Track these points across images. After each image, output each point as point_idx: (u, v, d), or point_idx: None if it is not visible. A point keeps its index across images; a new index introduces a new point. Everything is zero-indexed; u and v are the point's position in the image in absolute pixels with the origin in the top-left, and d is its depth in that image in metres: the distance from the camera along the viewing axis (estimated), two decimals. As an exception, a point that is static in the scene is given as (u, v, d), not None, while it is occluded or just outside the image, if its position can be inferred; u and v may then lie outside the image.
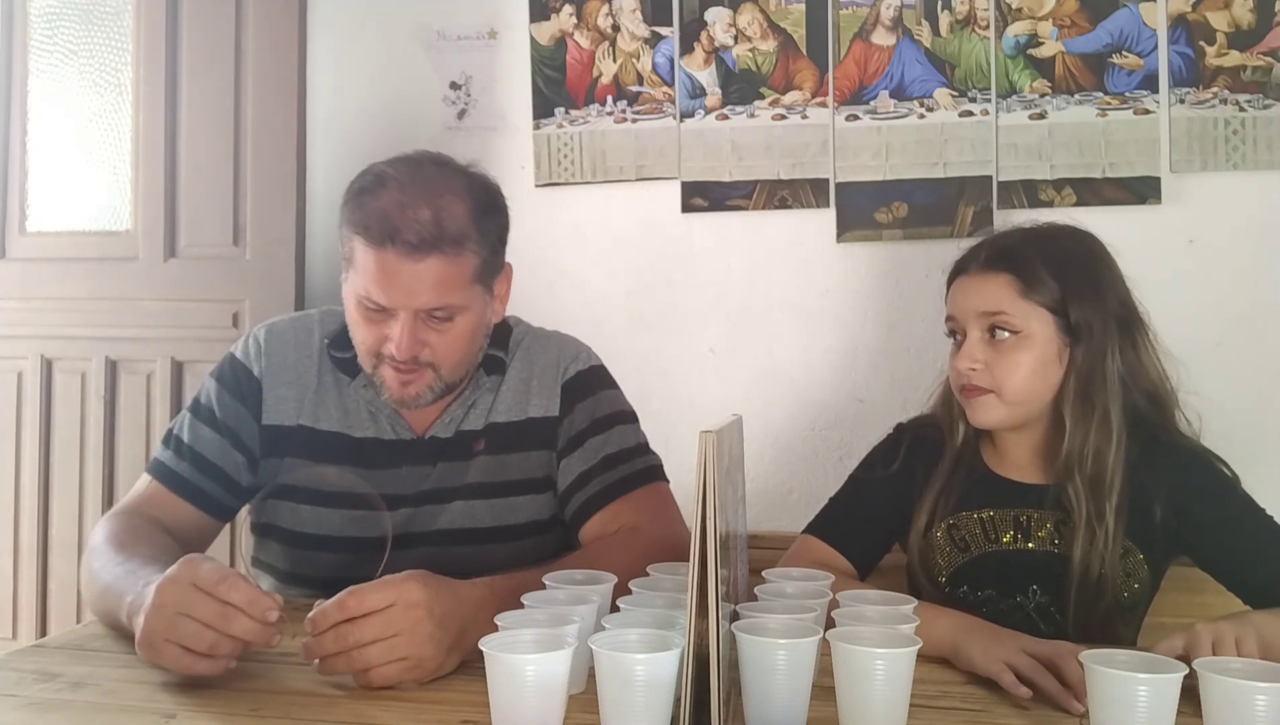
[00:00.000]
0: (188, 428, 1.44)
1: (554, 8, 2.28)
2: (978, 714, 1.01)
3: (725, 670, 0.87)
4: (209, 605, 1.02)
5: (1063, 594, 1.34)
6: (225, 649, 1.03)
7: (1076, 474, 1.34)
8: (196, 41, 2.47)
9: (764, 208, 2.19)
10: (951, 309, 1.43)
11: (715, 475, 0.85)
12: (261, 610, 1.02)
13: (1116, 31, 2.05)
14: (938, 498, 1.41)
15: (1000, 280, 1.37)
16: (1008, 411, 1.37)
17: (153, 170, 2.48)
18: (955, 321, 1.42)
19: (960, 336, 1.41)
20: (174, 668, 1.04)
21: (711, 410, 1.99)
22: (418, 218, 1.27)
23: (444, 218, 1.28)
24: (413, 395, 1.36)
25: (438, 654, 1.05)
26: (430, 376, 1.35)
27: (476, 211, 1.32)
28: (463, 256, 1.30)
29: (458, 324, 1.34)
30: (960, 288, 1.42)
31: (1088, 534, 1.32)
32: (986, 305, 1.37)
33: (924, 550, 1.41)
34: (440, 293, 1.30)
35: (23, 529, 2.53)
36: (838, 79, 2.15)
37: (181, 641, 1.02)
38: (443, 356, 1.34)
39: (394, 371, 1.34)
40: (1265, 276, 2.00)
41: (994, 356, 1.36)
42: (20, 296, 2.57)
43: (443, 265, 1.28)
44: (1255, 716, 0.83)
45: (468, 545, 1.41)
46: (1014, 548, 1.37)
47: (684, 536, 1.34)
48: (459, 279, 1.31)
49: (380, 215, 1.27)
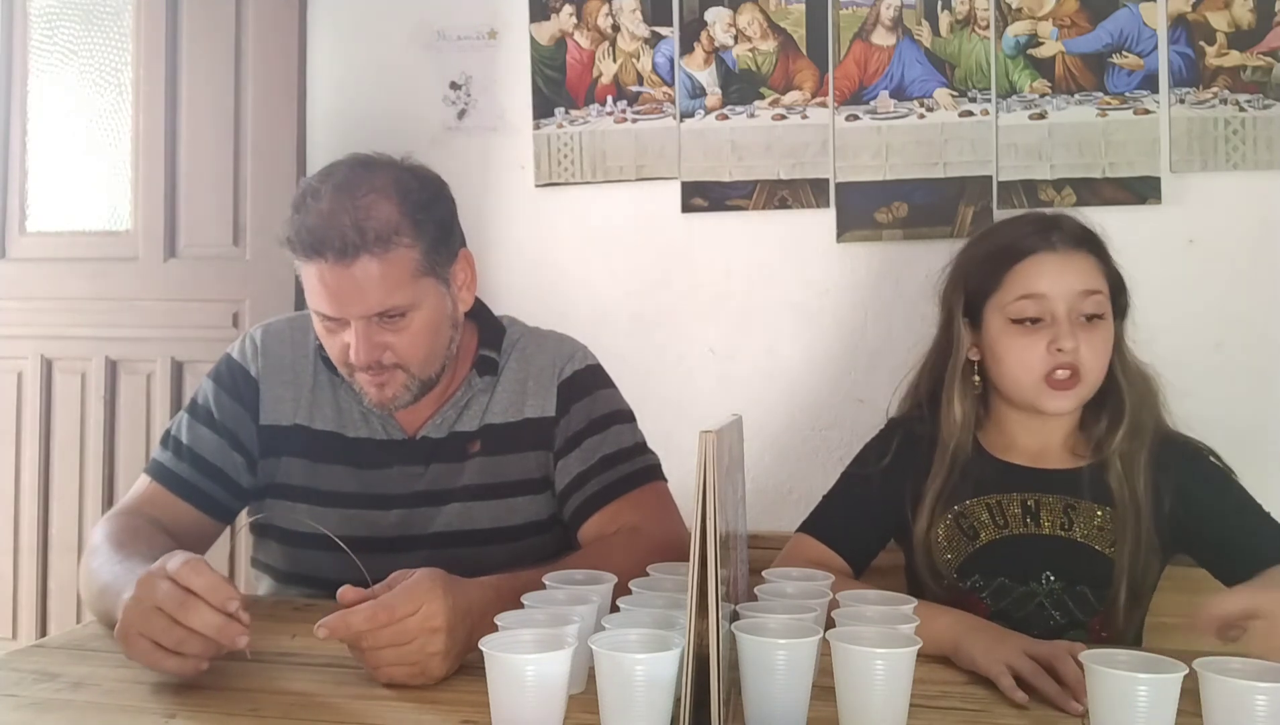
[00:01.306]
0: (186, 428, 1.44)
1: (554, 8, 2.28)
2: (978, 714, 1.01)
3: (725, 670, 0.87)
4: (174, 595, 1.01)
5: (1077, 580, 1.34)
6: (194, 647, 1.02)
7: (1118, 460, 1.34)
8: (196, 41, 2.47)
9: (764, 208, 2.19)
10: (1040, 286, 1.34)
11: (715, 475, 0.85)
12: (222, 599, 1.01)
13: (1116, 31, 2.05)
14: (940, 489, 1.39)
15: (1090, 260, 1.36)
16: (1088, 393, 1.35)
17: (153, 170, 2.48)
18: (1042, 301, 1.33)
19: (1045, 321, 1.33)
20: (144, 663, 1.04)
21: (711, 410, 2.00)
22: (339, 224, 1.26)
23: (366, 218, 1.26)
24: (389, 397, 1.35)
25: (445, 663, 1.05)
26: (403, 377, 1.35)
27: (407, 205, 1.30)
28: (395, 253, 1.28)
29: (414, 321, 1.32)
30: (1047, 264, 1.34)
31: (1134, 521, 1.32)
32: (1086, 284, 1.33)
33: (929, 544, 1.39)
34: (383, 295, 1.28)
35: (23, 529, 2.53)
36: (838, 79, 2.15)
37: (151, 635, 1.02)
38: (407, 355, 1.33)
39: (367, 377, 1.34)
40: (1265, 276, 2.00)
41: (1086, 339, 1.32)
42: (20, 296, 2.57)
43: (376, 266, 1.27)
44: (1255, 716, 0.83)
45: (466, 547, 1.41)
46: (1023, 533, 1.36)
47: (683, 536, 1.34)
48: (398, 277, 1.29)
49: (306, 229, 1.27)
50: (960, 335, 1.41)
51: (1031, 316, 1.34)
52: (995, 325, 1.38)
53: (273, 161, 2.41)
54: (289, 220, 1.30)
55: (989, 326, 1.39)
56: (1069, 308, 1.33)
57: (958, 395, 1.41)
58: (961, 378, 1.41)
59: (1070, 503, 1.36)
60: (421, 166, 1.38)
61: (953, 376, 1.42)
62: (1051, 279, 1.34)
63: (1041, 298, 1.34)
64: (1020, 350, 1.35)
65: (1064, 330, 1.32)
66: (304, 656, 1.15)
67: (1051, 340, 1.32)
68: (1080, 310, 1.33)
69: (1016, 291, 1.35)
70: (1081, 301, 1.33)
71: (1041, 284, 1.34)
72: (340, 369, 1.38)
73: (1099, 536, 1.35)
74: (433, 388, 1.40)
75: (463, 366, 1.46)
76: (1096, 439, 1.38)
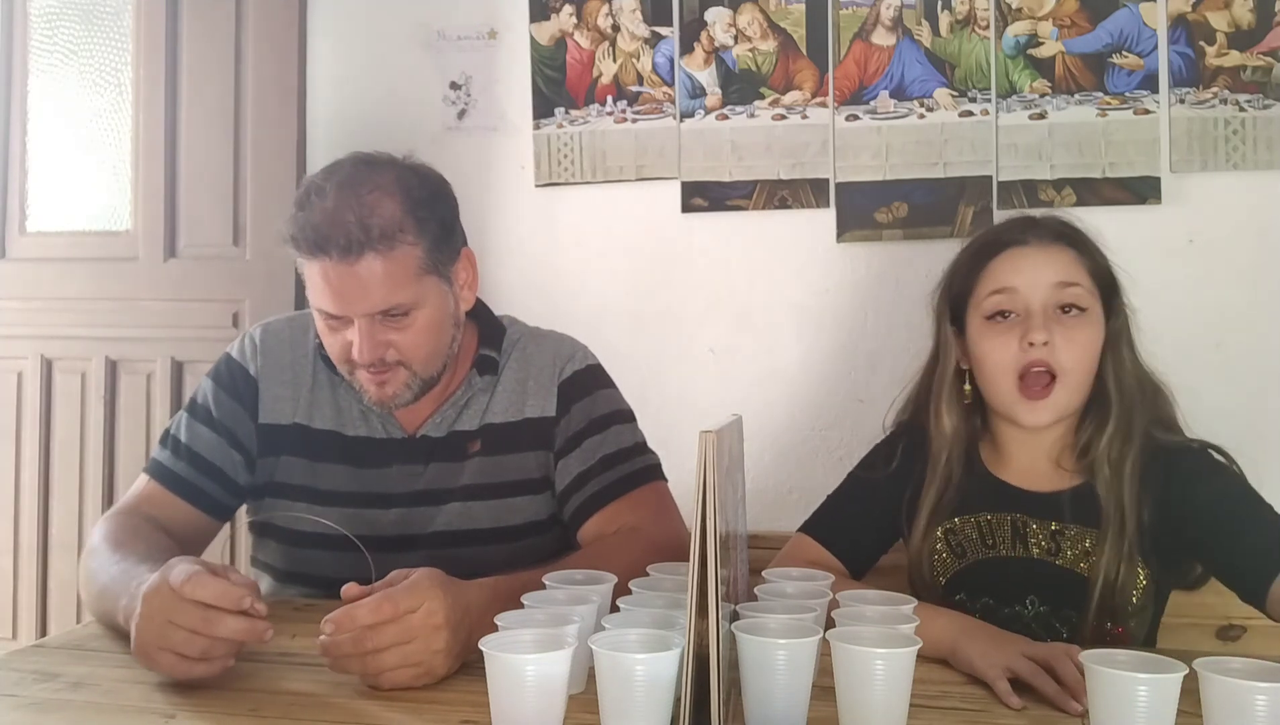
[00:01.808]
0: (185, 428, 1.44)
1: (554, 8, 2.28)
2: (977, 714, 1.01)
3: (725, 670, 0.87)
4: (192, 611, 1.02)
5: (1061, 605, 1.31)
6: (219, 651, 1.03)
7: (1106, 467, 1.28)
8: (196, 41, 2.47)
9: (764, 208, 2.18)
10: (1010, 280, 1.29)
11: (715, 475, 0.85)
12: (235, 602, 1.02)
13: (1116, 31, 2.05)
14: (934, 504, 1.37)
15: (1067, 253, 1.30)
16: (1068, 400, 1.28)
17: (153, 170, 2.48)
18: (1014, 294, 1.29)
19: (1016, 314, 1.29)
20: (172, 674, 1.04)
21: (711, 410, 1.99)
22: (343, 221, 1.26)
23: (370, 216, 1.26)
24: (390, 395, 1.35)
25: (448, 661, 1.05)
26: (404, 374, 1.35)
27: (410, 203, 1.31)
28: (399, 251, 1.28)
29: (417, 319, 1.32)
30: (1021, 258, 1.30)
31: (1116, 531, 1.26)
32: (1061, 275, 1.28)
33: (922, 554, 1.38)
34: (386, 292, 1.28)
35: (23, 529, 2.53)
36: (838, 79, 2.15)
37: (175, 649, 1.02)
38: (410, 353, 1.34)
39: (367, 374, 1.34)
40: (1265, 276, 1.99)
41: (1064, 336, 1.26)
42: (20, 296, 2.57)
43: (380, 264, 1.27)
44: (1255, 716, 0.83)
45: (466, 547, 1.41)
46: (1011, 555, 1.33)
47: (683, 536, 1.34)
48: (402, 275, 1.29)
49: (310, 227, 1.27)
50: (947, 343, 1.38)
51: (1004, 310, 1.30)
52: (974, 326, 1.34)
53: (273, 161, 2.41)
54: (292, 218, 1.30)
55: (970, 329, 1.35)
56: (1044, 301, 1.28)
57: (945, 406, 1.37)
58: (950, 388, 1.37)
59: (1059, 528, 1.31)
60: (424, 165, 1.39)
61: (940, 386, 1.37)
62: (1023, 272, 1.30)
63: (1013, 291, 1.30)
64: (994, 349, 1.30)
65: (1036, 322, 1.27)
66: (304, 656, 1.15)
67: (1023, 334, 1.28)
68: (1055, 302, 1.28)
69: (989, 287, 1.32)
70: (1057, 293, 1.28)
71: (1013, 277, 1.30)
72: (340, 367, 1.38)
73: (1086, 561, 1.30)
74: (433, 386, 1.40)
75: (463, 366, 1.46)
76: (1083, 444, 1.33)
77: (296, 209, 1.30)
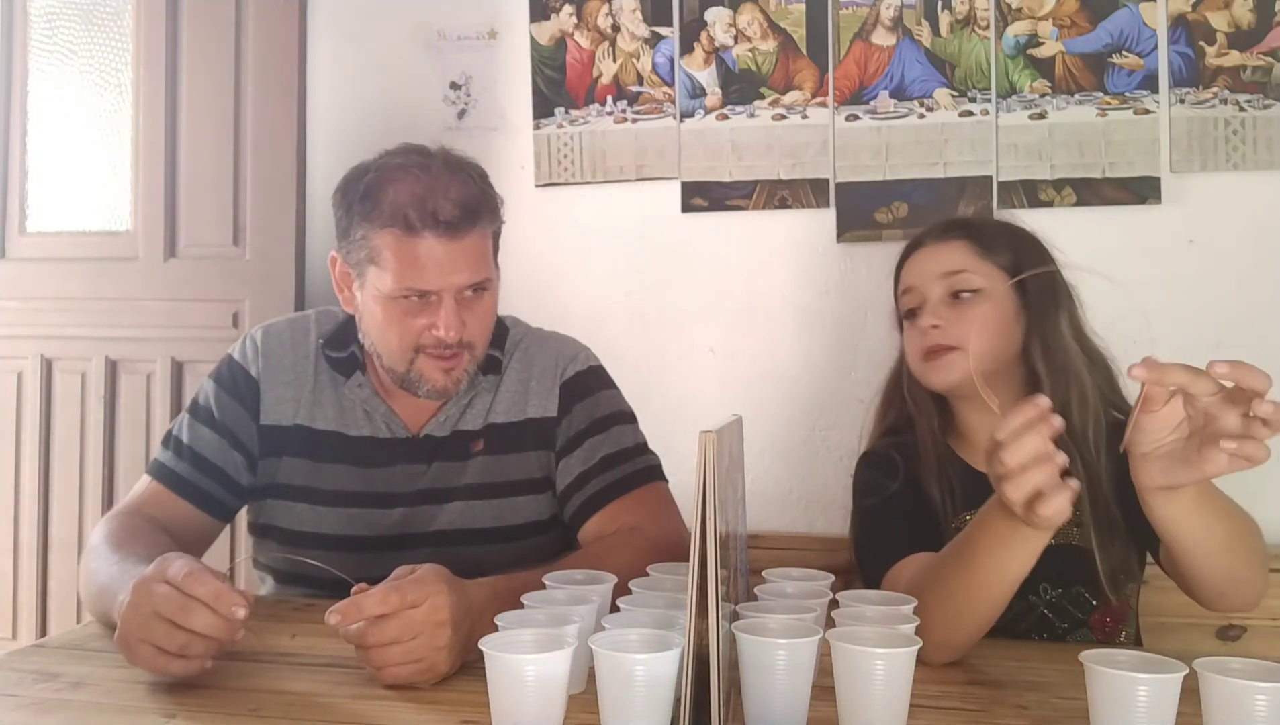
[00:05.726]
0: (187, 428, 1.44)
1: (554, 8, 2.28)
2: (977, 714, 1.01)
3: (725, 670, 0.87)
4: (174, 600, 1.01)
5: (1072, 584, 1.32)
6: (197, 649, 1.03)
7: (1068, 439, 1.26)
8: (196, 41, 2.47)
9: (764, 208, 2.19)
10: (910, 280, 1.43)
11: (715, 475, 0.85)
12: (227, 606, 1.01)
13: (1116, 31, 2.05)
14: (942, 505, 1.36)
15: (959, 245, 1.41)
16: (965, 362, 1.34)
17: (153, 170, 2.48)
18: (914, 291, 1.42)
19: (919, 309, 1.41)
20: (149, 668, 1.04)
21: (711, 410, 2.00)
22: (449, 197, 1.30)
23: (467, 195, 1.32)
24: (455, 381, 1.38)
25: (450, 659, 1.05)
26: (467, 358, 1.38)
27: (486, 186, 1.37)
28: (487, 230, 1.36)
29: (486, 300, 1.38)
30: (917, 259, 1.44)
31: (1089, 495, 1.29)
32: (948, 266, 1.39)
33: None
34: (478, 267, 1.34)
35: (23, 529, 2.53)
36: (838, 79, 2.15)
37: (154, 641, 1.02)
38: (478, 334, 1.38)
39: (435, 360, 1.35)
40: (1265, 276, 1.99)
41: (956, 316, 1.37)
42: (20, 296, 2.57)
43: (477, 240, 1.34)
44: (1255, 716, 0.83)
45: (467, 546, 1.41)
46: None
47: (684, 536, 1.34)
48: (488, 253, 1.37)
49: (414, 202, 1.29)
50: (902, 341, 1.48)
51: (912, 308, 1.42)
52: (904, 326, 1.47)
53: (273, 161, 2.41)
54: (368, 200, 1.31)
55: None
56: (938, 292, 1.39)
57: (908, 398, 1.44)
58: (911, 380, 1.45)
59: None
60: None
61: (896, 380, 1.47)
62: (916, 270, 1.43)
63: (914, 289, 1.42)
64: (908, 341, 1.44)
65: (928, 308, 1.39)
66: (304, 656, 1.15)
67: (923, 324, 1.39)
68: (946, 290, 1.39)
69: (901, 289, 1.46)
70: (947, 282, 1.39)
71: (911, 276, 1.43)
72: (397, 358, 1.37)
73: (1081, 534, 1.32)
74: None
75: (467, 365, 1.46)
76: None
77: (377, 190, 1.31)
